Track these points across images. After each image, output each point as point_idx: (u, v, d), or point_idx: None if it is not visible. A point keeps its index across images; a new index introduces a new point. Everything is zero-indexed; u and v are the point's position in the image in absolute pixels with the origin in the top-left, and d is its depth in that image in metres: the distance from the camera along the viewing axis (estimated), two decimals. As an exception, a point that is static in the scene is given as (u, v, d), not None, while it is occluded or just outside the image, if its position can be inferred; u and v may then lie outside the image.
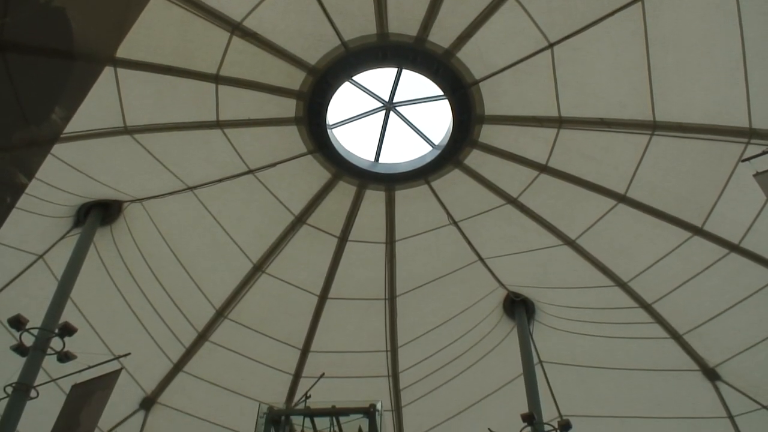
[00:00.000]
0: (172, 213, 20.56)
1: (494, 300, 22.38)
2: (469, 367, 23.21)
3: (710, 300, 19.52)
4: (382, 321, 23.27)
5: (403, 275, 22.59)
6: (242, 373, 23.16)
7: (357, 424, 17.03)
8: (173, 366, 22.77)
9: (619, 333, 21.16)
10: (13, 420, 13.26)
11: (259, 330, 22.95)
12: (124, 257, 20.42)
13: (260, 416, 16.92)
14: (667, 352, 20.99)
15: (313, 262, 22.44)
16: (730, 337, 19.92)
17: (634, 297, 20.44)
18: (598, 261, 20.26)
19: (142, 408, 22.88)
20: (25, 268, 19.11)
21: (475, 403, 23.32)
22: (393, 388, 24.08)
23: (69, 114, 4.84)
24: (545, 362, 22.52)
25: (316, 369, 21.30)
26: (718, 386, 20.91)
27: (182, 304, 21.94)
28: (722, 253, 18.42)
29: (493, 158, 19.64)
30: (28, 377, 13.77)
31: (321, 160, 20.39)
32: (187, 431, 23.19)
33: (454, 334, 22.94)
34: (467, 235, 21.44)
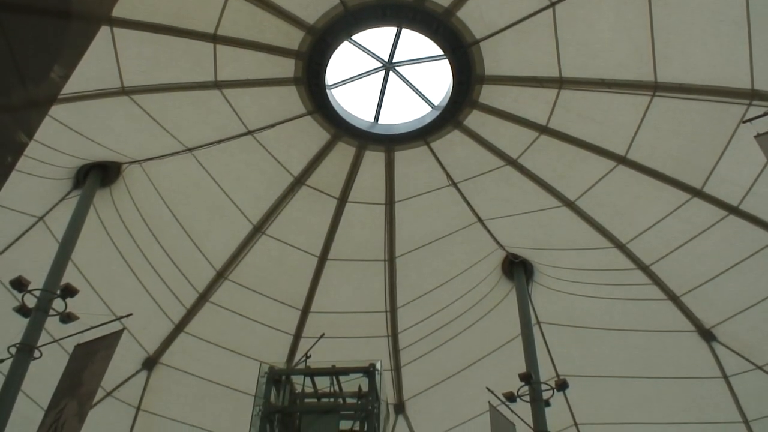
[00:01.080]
0: (172, 174, 20.53)
1: (493, 261, 22.49)
2: (467, 328, 23.44)
3: (708, 262, 19.64)
4: (382, 282, 23.43)
5: (403, 236, 22.66)
6: (243, 333, 23.40)
7: (357, 383, 17.26)
8: (174, 326, 23.00)
9: (617, 294, 21.33)
10: (17, 380, 13.43)
11: (259, 291, 23.12)
12: (123, 219, 20.45)
13: (261, 376, 17.13)
14: (664, 314, 21.19)
15: (312, 223, 22.49)
16: (727, 298, 20.09)
17: (633, 258, 20.55)
18: (597, 223, 20.30)
19: (144, 368, 23.18)
20: (25, 230, 19.14)
21: (473, 363, 23.60)
22: (392, 348, 24.36)
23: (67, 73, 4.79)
24: (543, 323, 22.74)
25: (316, 329, 21.50)
26: (713, 347, 21.16)
27: (182, 265, 22.05)
28: (721, 215, 18.46)
29: (492, 119, 19.52)
30: (31, 338, 13.90)
31: (320, 120, 20.27)
32: (189, 391, 23.54)
33: (453, 295, 23.11)
34: (466, 196, 21.44)
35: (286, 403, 17.10)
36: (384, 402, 18.13)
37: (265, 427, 16.25)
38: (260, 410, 16.44)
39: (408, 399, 25.20)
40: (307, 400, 17.54)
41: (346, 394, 17.46)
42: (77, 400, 13.30)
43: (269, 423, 16.43)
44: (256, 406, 16.62)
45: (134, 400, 23.16)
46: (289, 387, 17.50)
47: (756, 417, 21.04)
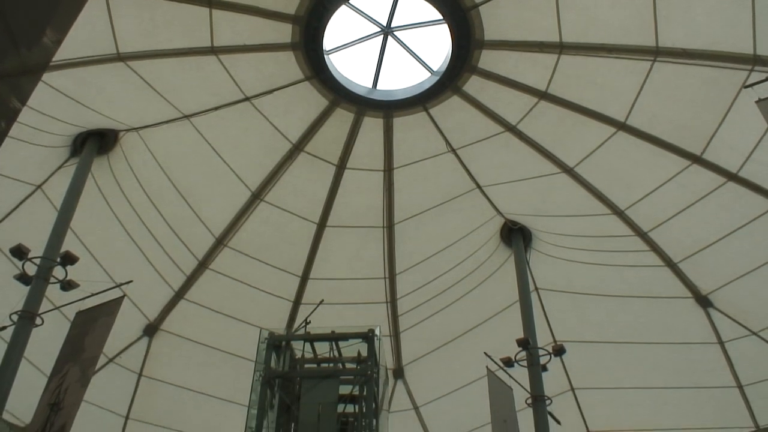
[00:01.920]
0: (169, 142, 20.43)
1: (492, 228, 22.53)
2: (466, 294, 23.58)
3: (706, 229, 19.68)
4: (381, 248, 23.51)
5: (401, 203, 22.67)
6: (243, 300, 23.54)
7: (356, 348, 17.43)
8: (175, 293, 23.13)
9: (615, 261, 21.42)
10: (20, 347, 13.54)
11: (258, 258, 23.20)
12: (122, 187, 20.41)
13: (261, 342, 17.29)
14: (661, 280, 21.31)
15: (311, 190, 22.47)
16: (724, 265, 20.19)
17: (631, 225, 20.59)
18: (596, 189, 20.30)
19: (145, 335, 23.38)
20: (23, 199, 19.11)
21: (471, 328, 23.79)
22: (391, 314, 24.54)
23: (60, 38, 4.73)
24: (541, 289, 22.88)
25: (315, 296, 21.63)
26: (709, 313, 21.33)
27: (182, 232, 22.08)
28: (720, 181, 18.45)
29: (492, 84, 19.38)
30: (32, 305, 13.98)
31: (318, 86, 20.10)
32: (189, 357, 23.77)
33: (452, 262, 23.21)
34: (465, 162, 21.39)
35: (286, 368, 17.29)
36: (383, 367, 18.32)
37: (266, 392, 16.45)
38: (261, 375, 16.62)
39: (407, 364, 25.47)
40: (307, 366, 17.73)
41: (346, 359, 17.65)
42: (80, 366, 13.44)
43: (270, 388, 16.64)
44: (256, 372, 16.80)
45: (136, 367, 23.40)
46: (289, 352, 17.68)
47: (750, 382, 21.31)
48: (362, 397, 16.51)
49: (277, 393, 16.64)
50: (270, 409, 16.50)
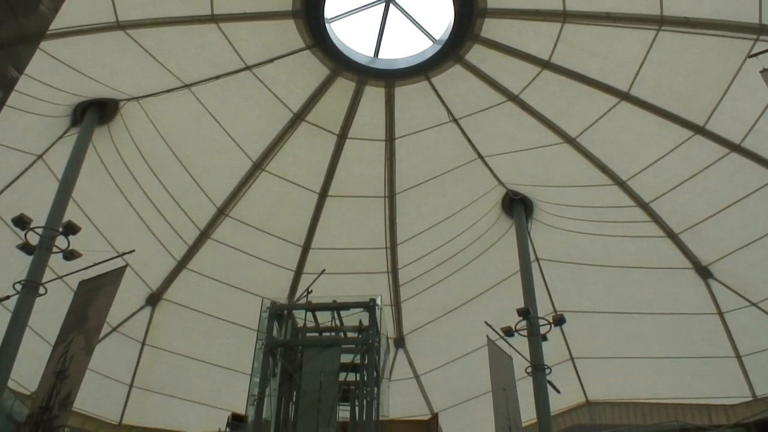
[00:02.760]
0: (170, 111, 20.33)
1: (493, 198, 22.52)
2: (467, 264, 23.68)
3: (707, 200, 19.66)
4: (382, 218, 23.54)
5: (403, 173, 22.63)
6: (245, 269, 23.66)
7: (357, 317, 17.56)
8: (177, 263, 23.24)
9: (616, 232, 21.44)
10: (24, 316, 13.64)
11: (260, 227, 23.26)
12: (123, 157, 20.37)
13: (263, 311, 17.40)
14: (661, 251, 21.35)
15: (312, 159, 22.42)
16: (725, 236, 20.21)
17: (632, 196, 20.57)
18: (598, 160, 20.23)
19: (148, 304, 23.55)
20: (25, 169, 19.09)
21: (472, 298, 23.94)
22: (392, 284, 24.68)
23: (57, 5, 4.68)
24: (542, 260, 22.95)
25: (317, 265, 21.73)
26: (709, 284, 21.41)
27: (183, 202, 22.10)
28: (723, 152, 18.37)
29: (494, 53, 19.19)
30: (36, 275, 14.05)
31: (319, 55, 19.93)
32: (192, 326, 23.97)
33: (453, 232, 23.25)
34: (467, 132, 21.29)
35: (288, 337, 17.44)
36: (384, 336, 18.47)
37: (268, 360, 16.62)
38: (263, 344, 16.77)
39: (408, 333, 25.69)
40: (308, 334, 17.87)
41: (347, 328, 17.78)
42: (84, 335, 13.55)
43: (272, 356, 16.81)
44: (258, 341, 16.94)
45: (139, 335, 23.63)
46: (291, 322, 17.81)
47: (748, 352, 21.49)
48: (363, 366, 16.68)
49: (279, 361, 16.81)
50: (272, 378, 16.68)
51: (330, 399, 15.84)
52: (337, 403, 16.04)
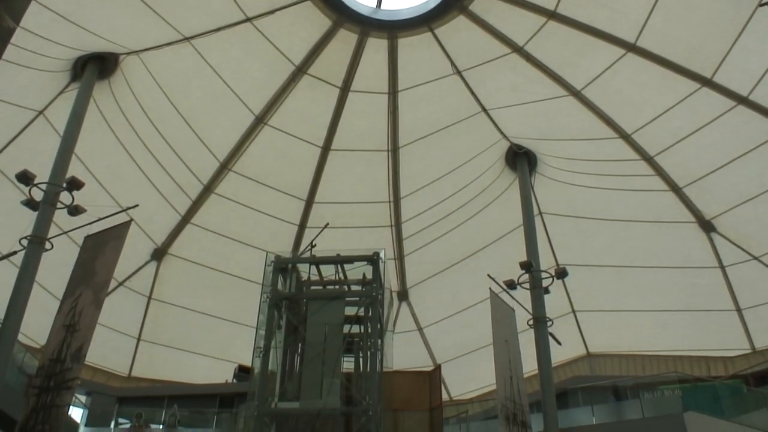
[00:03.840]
0: (170, 65, 20.10)
1: (497, 152, 22.41)
2: (470, 218, 23.71)
3: (712, 153, 19.56)
4: (385, 172, 23.50)
5: (406, 126, 22.49)
6: (248, 224, 23.75)
7: (361, 271, 17.69)
8: (181, 218, 23.33)
9: (620, 185, 21.40)
10: (31, 271, 13.75)
11: (263, 182, 23.26)
12: (124, 112, 20.22)
13: (268, 265, 17.54)
14: (665, 205, 21.35)
15: (314, 113, 22.26)
16: (729, 190, 20.18)
17: (637, 149, 20.45)
18: (603, 113, 20.05)
19: (153, 259, 23.74)
20: (26, 124, 18.99)
21: (475, 252, 24.06)
22: (396, 238, 24.78)
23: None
24: (545, 213, 22.97)
25: (320, 219, 21.78)
26: (712, 237, 21.47)
27: (186, 157, 22.05)
28: (729, 105, 18.19)
29: (499, 4, 18.84)
30: (41, 230, 14.11)
31: (321, 6, 19.59)
32: (197, 280, 24.20)
33: (456, 186, 23.22)
34: (471, 85, 21.06)
35: (292, 290, 17.62)
36: (387, 289, 18.64)
37: (273, 313, 16.84)
38: (268, 298, 16.96)
39: (411, 287, 25.92)
40: (313, 288, 18.05)
41: (351, 281, 17.94)
42: (92, 289, 13.68)
43: (277, 310, 17.02)
44: (263, 294, 17.12)
45: (145, 290, 23.89)
46: (295, 275, 17.96)
47: (748, 306, 21.68)
48: (367, 318, 16.89)
49: (284, 314, 17.02)
50: (278, 330, 16.92)
51: (334, 351, 16.07)
52: (341, 355, 16.31)
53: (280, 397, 16.09)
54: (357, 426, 15.40)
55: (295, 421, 15.91)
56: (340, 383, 15.66)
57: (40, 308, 15.90)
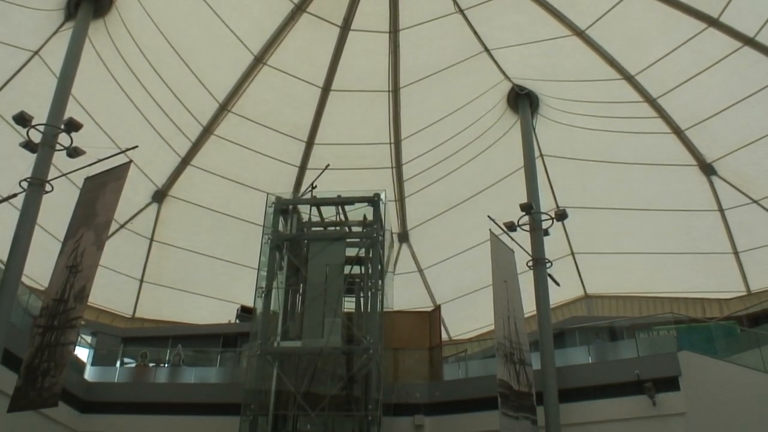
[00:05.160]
0: (167, 4, 19.68)
1: (498, 93, 22.16)
2: (471, 160, 23.64)
3: (716, 95, 19.34)
4: (386, 113, 23.31)
5: (407, 66, 22.17)
6: (249, 165, 23.69)
7: (362, 212, 17.79)
8: (181, 160, 23.26)
9: (622, 127, 21.25)
10: (32, 213, 13.77)
11: (263, 123, 23.09)
12: (121, 52, 19.88)
13: (269, 206, 17.63)
14: (666, 147, 21.25)
15: (314, 53, 21.91)
16: (731, 133, 20.05)
17: (640, 91, 20.22)
18: (607, 53, 19.72)
19: (154, 201, 23.77)
20: (21, 66, 18.70)
21: (476, 194, 24.08)
22: (396, 179, 24.77)
23: None
24: (546, 156, 22.89)
25: (321, 161, 21.73)
26: (712, 181, 21.46)
27: (185, 98, 21.82)
28: (735, 46, 17.89)
29: (503, -60, 18.37)
30: (41, 172, 14.06)
31: (320, -58, 19.11)
32: (199, 222, 24.30)
33: (457, 127, 23.05)
34: (473, 24, 20.64)
35: (293, 232, 17.74)
36: (388, 231, 18.78)
37: (275, 254, 17.01)
38: (269, 239, 17.10)
39: (411, 228, 26.06)
40: (314, 229, 18.17)
41: (352, 223, 18.06)
42: (93, 230, 13.74)
43: (278, 251, 17.18)
44: (265, 235, 17.26)
45: (147, 232, 24.02)
46: (296, 216, 18.06)
47: (745, 249, 21.84)
48: (368, 259, 17.07)
49: (285, 255, 17.18)
50: (279, 271, 17.12)
51: (336, 291, 16.32)
52: (342, 295, 16.55)
53: (283, 337, 16.43)
54: (358, 364, 15.76)
55: (297, 360, 16.27)
56: (341, 323, 15.96)
57: (43, 251, 16.02)
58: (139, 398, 17.67)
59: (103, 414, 17.37)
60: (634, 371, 15.20)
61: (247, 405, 15.11)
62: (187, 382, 18.98)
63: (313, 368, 15.97)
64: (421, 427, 16.74)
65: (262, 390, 15.47)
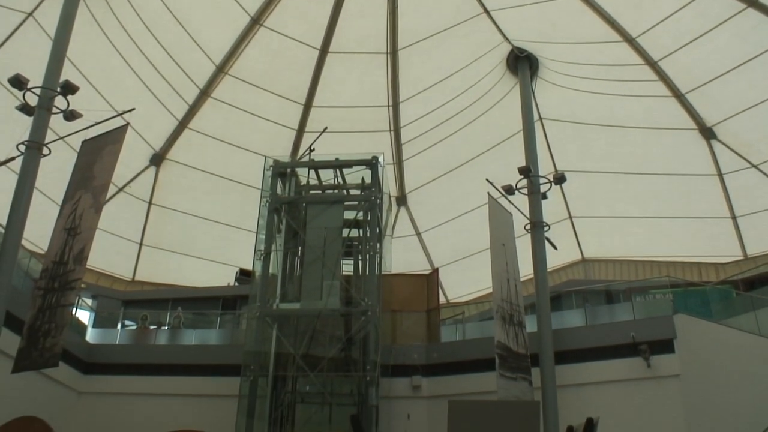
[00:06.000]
0: (161, -38, 19.39)
1: (498, 55, 21.94)
2: (469, 123, 23.53)
3: (718, 58, 19.15)
4: (384, 76, 23.11)
5: (406, 28, 21.90)
6: (246, 128, 23.58)
7: (360, 175, 17.79)
8: (178, 123, 23.14)
9: (622, 91, 21.09)
10: (31, 176, 13.71)
11: (260, 86, 22.90)
12: (116, 13, 19.60)
13: (267, 169, 17.61)
14: (666, 111, 21.14)
15: (312, 14, 21.62)
16: (732, 97, 19.91)
17: (641, 53, 20.01)
18: (608, 15, 19.46)
19: (152, 164, 23.71)
20: (15, 28, 18.45)
21: (474, 157, 24.03)
22: (394, 143, 24.69)
23: None
24: (545, 119, 22.78)
25: (318, 124, 21.64)
26: (712, 145, 21.39)
27: (181, 60, 21.60)
28: (739, 8, 17.64)
29: None
30: (38, 135, 13.96)
31: None
32: (197, 185, 24.28)
33: (456, 90, 22.89)
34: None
35: (292, 195, 17.76)
36: (386, 194, 18.80)
37: (273, 218, 17.06)
38: (267, 202, 17.13)
39: (409, 192, 26.07)
40: (312, 192, 18.18)
41: (350, 186, 18.06)
42: (91, 192, 13.73)
43: (277, 214, 17.23)
44: (263, 198, 17.28)
45: (146, 195, 24.02)
46: (294, 179, 18.06)
47: (743, 213, 21.88)
48: (366, 222, 17.13)
49: (283, 218, 17.23)
50: (278, 234, 17.19)
51: (334, 254, 16.42)
52: (341, 258, 16.65)
53: (282, 299, 16.57)
54: (356, 326, 15.93)
55: (296, 322, 16.44)
56: (339, 285, 16.09)
57: (42, 215, 16.02)
58: (140, 359, 17.93)
59: (105, 375, 17.64)
60: (630, 334, 15.36)
61: (247, 366, 15.31)
62: (187, 344, 19.21)
63: (311, 330, 16.15)
64: (418, 388, 16.99)
65: (261, 351, 15.67)
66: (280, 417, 15.21)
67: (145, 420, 16.66)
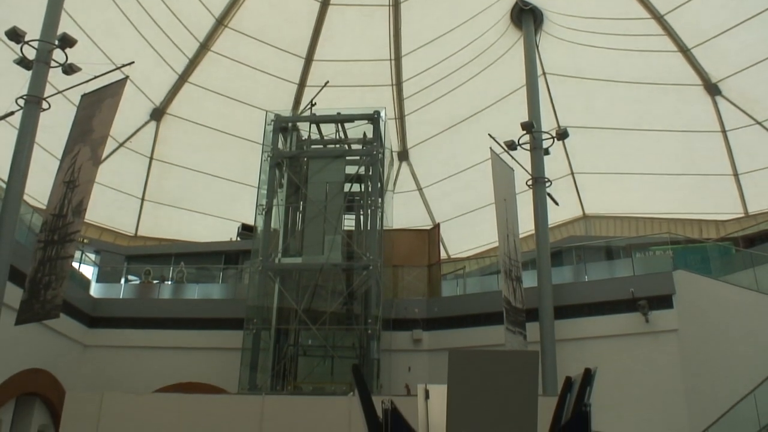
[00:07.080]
0: None
1: (502, 8, 21.56)
2: (472, 78, 23.27)
3: (726, 12, 18.82)
4: (386, 29, 22.78)
5: (408, -21, 21.56)
6: (247, 82, 23.35)
7: (362, 130, 17.70)
8: (179, 77, 22.89)
9: (627, 46, 20.77)
10: (31, 130, 13.64)
11: (261, 39, 22.60)
12: (113, -38, 19.28)
13: (268, 124, 17.52)
14: (672, 67, 20.86)
15: (312, -35, 21.26)
16: (739, 52, 19.61)
17: (647, 7, 19.67)
18: (615, -34, 19.13)
19: (152, 119, 23.55)
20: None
21: (477, 112, 23.82)
22: (396, 97, 24.48)
23: None
24: (548, 74, 22.50)
25: (320, 78, 21.42)
26: (716, 101, 21.16)
27: (180, 13, 21.25)
28: (748, -41, 17.33)
29: None
30: (37, 89, 13.84)
31: None
32: (198, 140, 24.14)
33: (459, 44, 22.56)
34: (477, -64, 19.95)
35: (293, 149, 17.70)
36: (388, 149, 18.73)
37: (274, 172, 17.04)
38: (269, 157, 17.08)
39: (411, 147, 25.95)
40: (313, 147, 18.12)
41: (352, 140, 17.98)
42: (90, 146, 13.69)
43: (278, 168, 17.20)
44: (264, 153, 17.23)
45: (147, 150, 23.92)
46: (295, 134, 17.98)
47: (746, 171, 21.78)
48: (368, 177, 17.10)
49: (285, 173, 17.21)
50: (279, 189, 17.19)
51: (336, 209, 16.46)
52: (342, 213, 16.69)
53: (283, 253, 16.69)
54: (358, 280, 16.06)
55: (298, 276, 16.58)
56: (341, 240, 16.17)
57: (43, 170, 16.00)
58: (144, 313, 18.14)
59: (110, 328, 17.87)
60: (629, 289, 15.48)
61: (250, 319, 15.48)
62: (190, 298, 19.40)
63: (313, 284, 16.29)
64: (419, 341, 17.22)
65: (264, 305, 15.83)
66: (282, 369, 15.45)
67: (149, 373, 16.92)
